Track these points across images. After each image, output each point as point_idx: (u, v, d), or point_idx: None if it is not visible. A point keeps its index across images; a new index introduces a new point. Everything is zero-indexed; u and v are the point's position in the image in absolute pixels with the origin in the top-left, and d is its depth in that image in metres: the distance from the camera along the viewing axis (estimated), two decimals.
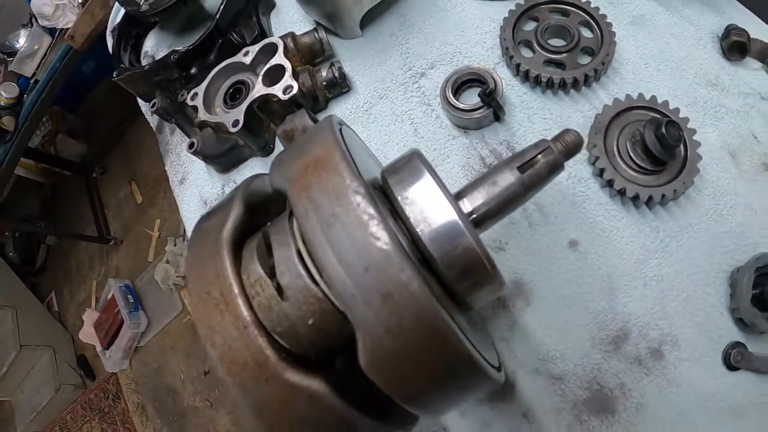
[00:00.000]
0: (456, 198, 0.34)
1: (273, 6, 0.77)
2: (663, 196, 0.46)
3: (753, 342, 0.44)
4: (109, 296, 2.19)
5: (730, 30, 0.51)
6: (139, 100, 0.88)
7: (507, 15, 0.57)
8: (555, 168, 0.36)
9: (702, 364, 0.45)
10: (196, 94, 0.65)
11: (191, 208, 0.71)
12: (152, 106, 0.73)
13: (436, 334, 0.25)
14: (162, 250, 2.40)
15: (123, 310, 2.10)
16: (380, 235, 0.25)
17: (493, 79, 0.54)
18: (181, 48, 0.70)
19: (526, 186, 0.36)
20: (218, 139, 0.66)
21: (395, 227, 0.28)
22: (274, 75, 0.60)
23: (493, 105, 0.53)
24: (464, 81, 0.56)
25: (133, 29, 0.88)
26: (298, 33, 0.65)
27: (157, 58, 0.85)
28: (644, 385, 0.45)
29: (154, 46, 0.87)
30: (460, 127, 0.57)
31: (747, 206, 0.47)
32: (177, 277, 2.31)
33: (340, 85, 0.62)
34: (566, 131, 0.37)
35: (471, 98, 0.56)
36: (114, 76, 0.78)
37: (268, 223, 0.32)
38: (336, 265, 0.25)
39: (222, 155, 0.66)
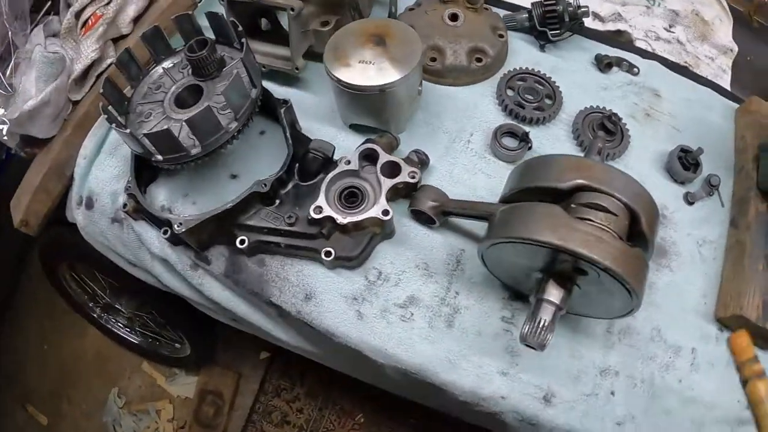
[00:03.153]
0: None
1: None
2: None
3: None
4: None
5: (598, 57, 1.06)
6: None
7: (495, 88, 0.99)
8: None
9: None
10: (319, 208, 0.81)
11: (337, 313, 0.84)
12: (241, 243, 0.84)
13: None
14: None
15: None
16: None
17: (522, 128, 0.95)
18: (268, 177, 0.84)
19: None
20: (353, 237, 0.85)
21: None
22: (390, 169, 0.85)
23: (529, 141, 0.94)
24: (503, 133, 0.95)
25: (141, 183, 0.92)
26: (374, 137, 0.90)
27: (174, 209, 0.91)
28: None
29: (169, 198, 0.92)
30: (507, 162, 0.95)
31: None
32: None
33: (426, 163, 0.92)
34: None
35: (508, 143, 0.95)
36: (166, 232, 0.82)
37: None
38: None
39: (361, 252, 0.85)
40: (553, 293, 0.70)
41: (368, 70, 0.86)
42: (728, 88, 1.17)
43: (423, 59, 0.90)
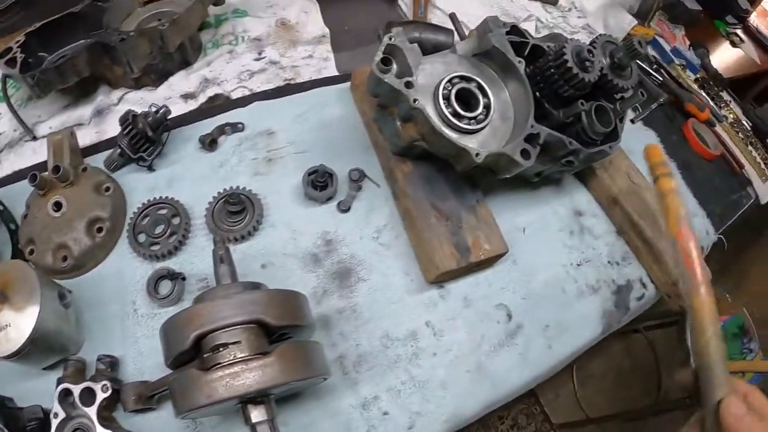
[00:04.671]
0: None
1: None
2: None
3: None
4: None
5: (201, 140, 1.15)
6: None
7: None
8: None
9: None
10: None
11: None
12: None
13: None
14: None
15: None
16: None
17: (167, 268, 1.04)
18: None
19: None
20: None
21: None
22: (87, 397, 0.93)
23: (178, 275, 1.03)
24: (155, 282, 1.04)
25: None
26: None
27: None
28: None
29: None
30: (176, 305, 1.05)
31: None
32: None
33: (115, 362, 1.00)
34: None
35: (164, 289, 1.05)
36: None
37: None
38: None
39: None
40: (256, 414, 0.82)
41: (9, 335, 0.94)
42: (335, 71, 1.28)
43: (46, 280, 0.98)
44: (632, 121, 1.57)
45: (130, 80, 1.26)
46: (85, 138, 1.24)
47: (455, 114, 1.03)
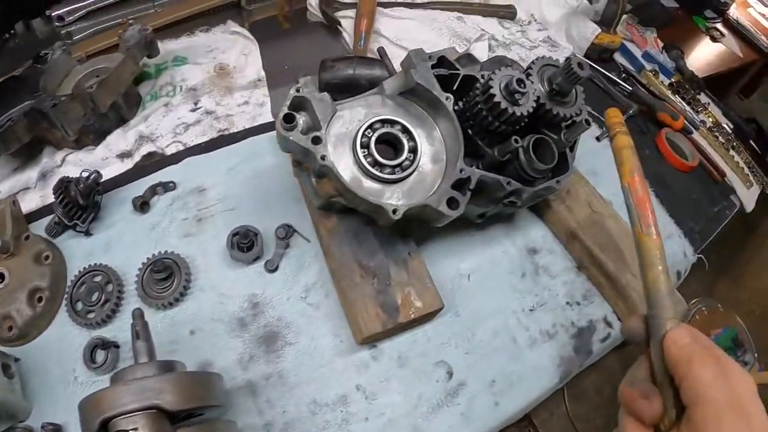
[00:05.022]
0: None
1: None
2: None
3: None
4: None
5: (134, 202, 1.15)
6: None
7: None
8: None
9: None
10: None
11: None
12: None
13: None
14: None
15: None
16: None
17: (103, 338, 1.06)
18: None
19: None
20: None
21: None
22: None
23: (110, 344, 1.05)
24: (90, 350, 1.06)
25: None
26: None
27: None
28: None
29: None
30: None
31: None
32: None
33: (59, 428, 1.03)
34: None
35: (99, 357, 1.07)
36: None
37: None
38: None
39: None
40: None
41: None
42: (270, 118, 1.26)
43: None
44: (598, 138, 1.50)
45: (70, 142, 1.28)
46: (31, 202, 1.26)
47: (375, 163, 0.98)
